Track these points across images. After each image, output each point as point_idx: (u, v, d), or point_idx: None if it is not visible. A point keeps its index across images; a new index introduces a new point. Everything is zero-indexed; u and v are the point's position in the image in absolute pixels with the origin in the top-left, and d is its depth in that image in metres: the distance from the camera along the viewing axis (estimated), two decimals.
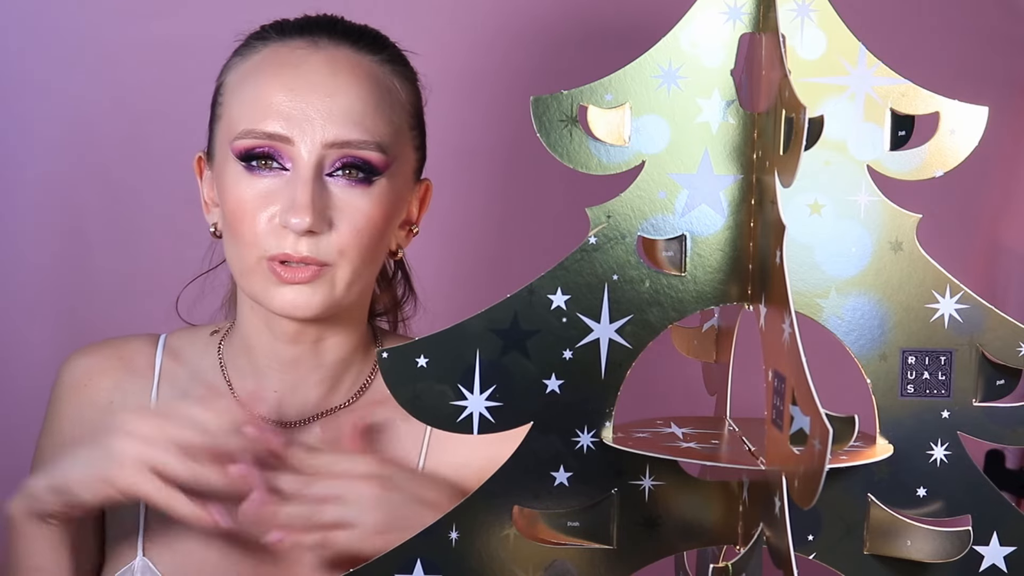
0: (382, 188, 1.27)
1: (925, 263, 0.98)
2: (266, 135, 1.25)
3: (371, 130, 1.26)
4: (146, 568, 1.31)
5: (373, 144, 1.26)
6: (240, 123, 1.27)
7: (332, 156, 1.25)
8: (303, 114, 1.25)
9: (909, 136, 0.98)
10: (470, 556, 0.97)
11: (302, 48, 1.29)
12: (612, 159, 0.96)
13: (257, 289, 1.28)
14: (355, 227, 1.26)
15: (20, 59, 1.77)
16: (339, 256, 1.26)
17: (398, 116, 1.30)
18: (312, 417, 1.35)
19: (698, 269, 0.97)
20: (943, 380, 0.99)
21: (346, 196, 1.26)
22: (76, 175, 1.79)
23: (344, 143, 1.25)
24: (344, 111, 1.25)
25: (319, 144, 1.25)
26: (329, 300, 1.26)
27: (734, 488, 0.99)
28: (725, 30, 0.96)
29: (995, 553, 1.00)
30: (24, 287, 1.79)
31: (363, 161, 1.26)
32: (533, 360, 0.96)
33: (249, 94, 1.27)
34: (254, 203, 1.25)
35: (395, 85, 1.31)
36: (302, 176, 1.24)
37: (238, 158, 1.26)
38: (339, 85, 1.26)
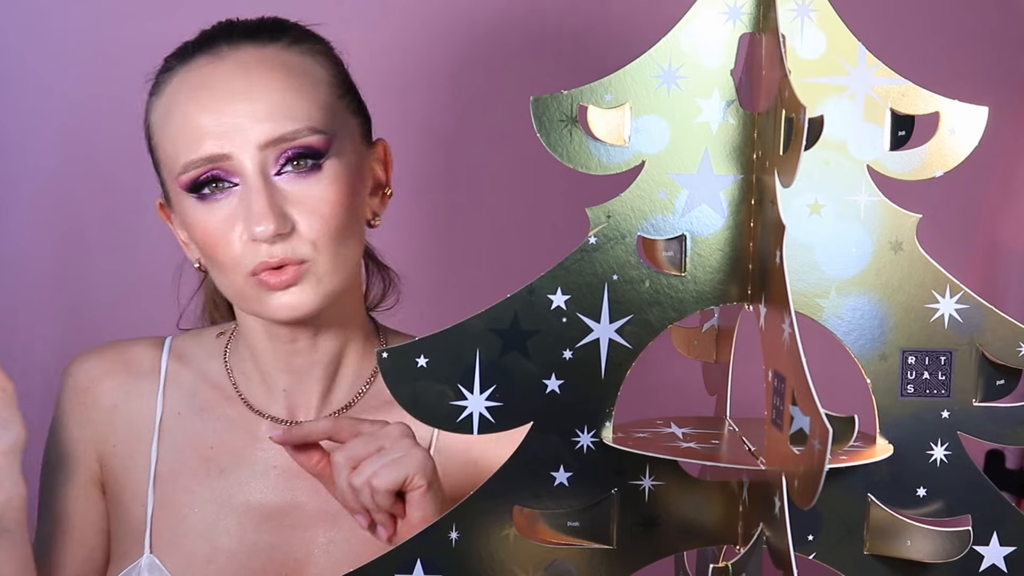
0: (333, 168, 1.26)
1: (925, 263, 0.98)
2: (204, 160, 1.24)
3: (300, 117, 1.25)
4: (153, 566, 1.32)
5: (307, 129, 1.25)
6: (177, 158, 1.26)
7: (272, 155, 1.24)
8: (230, 126, 1.24)
9: (909, 136, 0.98)
10: (470, 556, 0.97)
11: (207, 64, 1.28)
12: (612, 159, 0.96)
13: (253, 305, 1.28)
14: (319, 215, 1.25)
15: (20, 59, 1.77)
16: (313, 249, 1.25)
17: (322, 93, 1.28)
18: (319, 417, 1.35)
19: (698, 269, 0.97)
20: (943, 380, 0.99)
21: (300, 189, 1.25)
22: (76, 175, 1.79)
23: (279, 139, 1.24)
24: (268, 108, 1.24)
25: (255, 148, 1.24)
26: (321, 293, 1.26)
27: (734, 488, 0.99)
28: (725, 30, 0.96)
29: (995, 553, 1.00)
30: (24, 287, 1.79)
31: (304, 148, 1.25)
32: (533, 360, 0.96)
33: (174, 127, 1.27)
34: (220, 228, 1.25)
35: (307, 63, 1.29)
36: (252, 185, 1.24)
37: (188, 192, 1.26)
38: (253, 85, 1.25)
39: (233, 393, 1.36)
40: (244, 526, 1.32)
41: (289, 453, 1.22)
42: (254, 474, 1.34)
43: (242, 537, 1.32)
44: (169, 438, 1.35)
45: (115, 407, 1.37)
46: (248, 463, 1.34)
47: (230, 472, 1.34)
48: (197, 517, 1.33)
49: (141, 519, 1.33)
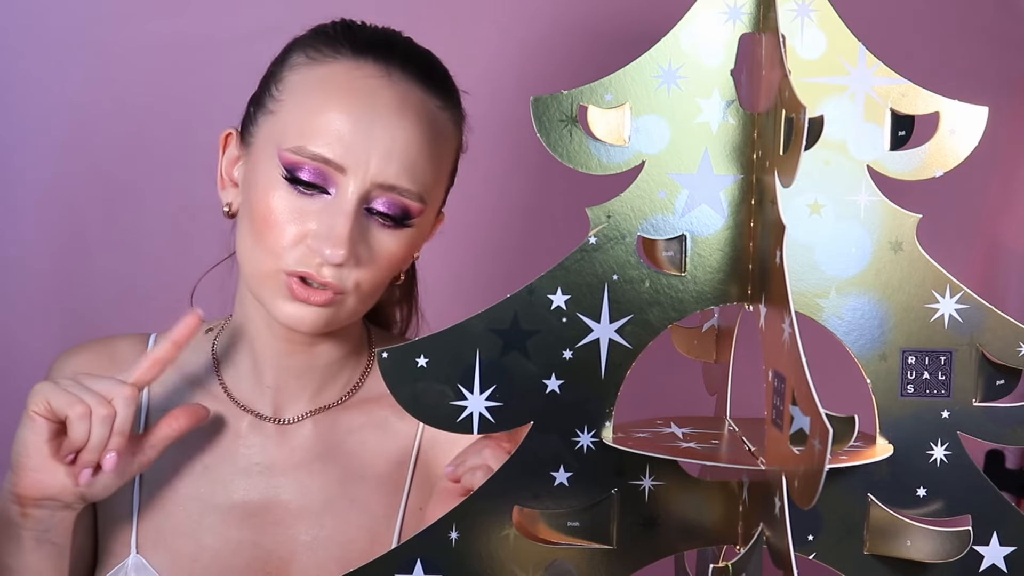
0: (411, 232, 1.27)
1: (925, 263, 0.98)
2: (321, 158, 1.23)
3: (420, 179, 1.25)
4: (140, 565, 1.31)
5: (416, 194, 1.25)
6: (295, 135, 1.25)
7: (377, 194, 1.24)
8: (362, 147, 1.23)
9: (909, 136, 0.98)
10: (470, 556, 0.97)
11: (376, 78, 1.26)
12: (612, 159, 0.96)
13: (266, 296, 1.27)
14: (378, 265, 1.26)
15: (20, 60, 1.77)
16: (355, 288, 1.26)
17: (445, 163, 1.30)
18: (305, 414, 1.35)
19: (698, 269, 0.97)
20: (943, 380, 0.99)
21: (378, 235, 1.25)
22: (76, 176, 1.79)
23: (391, 187, 1.24)
24: (400, 154, 1.24)
25: (369, 180, 1.23)
26: (333, 322, 1.27)
27: (734, 488, 0.99)
28: (725, 30, 0.96)
29: (995, 553, 1.00)
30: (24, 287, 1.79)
31: (405, 209, 1.25)
32: (533, 360, 0.96)
33: (311, 107, 1.25)
34: (287, 217, 1.24)
35: (451, 133, 1.31)
36: (345, 208, 1.23)
37: (285, 167, 1.24)
38: (403, 127, 1.25)
39: (218, 390, 1.36)
40: (228, 523, 1.32)
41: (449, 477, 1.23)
42: (237, 471, 1.34)
43: (226, 535, 1.32)
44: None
45: None
46: (231, 460, 1.34)
47: (213, 469, 1.34)
48: (182, 515, 1.33)
49: (127, 517, 1.33)
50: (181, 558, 1.31)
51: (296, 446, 1.34)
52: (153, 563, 1.32)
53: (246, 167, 1.29)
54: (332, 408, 1.36)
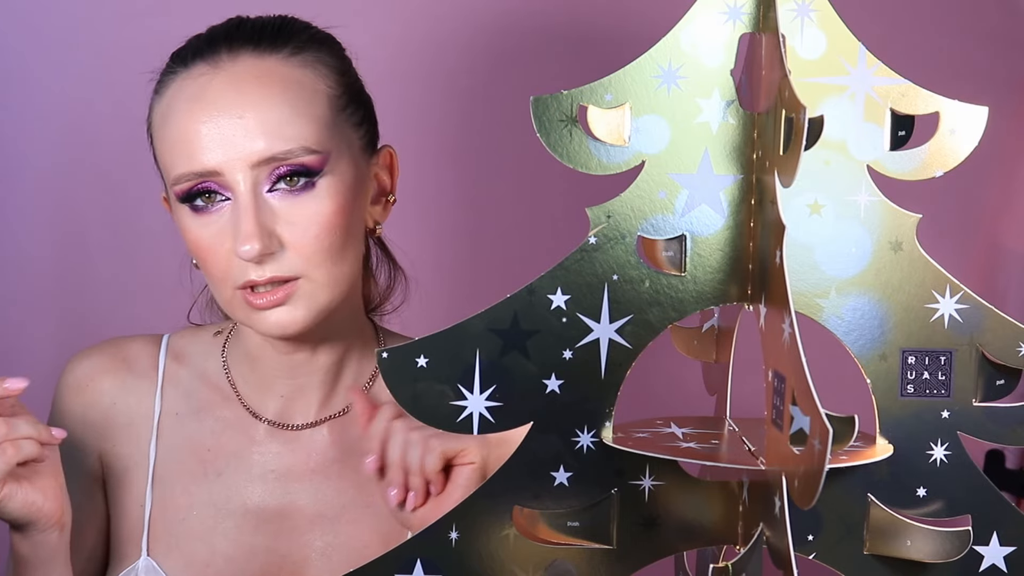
0: (327, 185, 1.25)
1: (925, 263, 0.98)
2: (195, 174, 1.23)
3: (293, 136, 1.23)
4: (150, 568, 1.32)
5: (300, 150, 1.23)
6: (172, 167, 1.25)
7: (264, 173, 1.23)
8: (222, 142, 1.23)
9: (909, 136, 0.98)
10: (470, 556, 0.97)
11: (204, 74, 1.26)
12: (612, 159, 0.96)
13: (241, 318, 1.28)
14: (310, 233, 1.24)
15: (20, 59, 1.77)
16: (305, 265, 1.24)
17: (320, 107, 1.26)
18: (318, 421, 1.35)
19: (698, 269, 0.97)
20: (943, 380, 0.99)
21: (292, 206, 1.24)
22: (76, 176, 1.79)
23: (270, 158, 1.23)
24: (260, 126, 1.23)
25: (247, 167, 1.23)
26: (314, 308, 1.26)
27: (734, 488, 0.99)
28: (725, 30, 0.96)
29: (995, 553, 1.00)
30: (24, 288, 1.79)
31: (296, 167, 1.23)
32: (533, 360, 0.96)
33: (170, 135, 1.26)
34: (210, 241, 1.25)
35: (308, 76, 1.27)
36: (241, 204, 1.23)
37: (182, 202, 1.26)
38: (248, 102, 1.24)
39: (231, 394, 1.36)
40: (242, 529, 1.32)
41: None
42: (251, 477, 1.33)
43: (240, 540, 1.32)
44: (167, 438, 1.35)
45: (113, 405, 1.36)
46: (245, 466, 1.34)
47: (227, 475, 1.33)
48: (195, 520, 1.32)
49: (139, 520, 1.33)
50: (194, 563, 1.31)
51: (310, 452, 1.34)
52: (165, 567, 1.32)
53: (177, 222, 1.30)
54: (344, 414, 1.36)
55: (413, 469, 1.20)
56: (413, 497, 1.20)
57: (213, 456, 1.34)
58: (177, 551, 1.32)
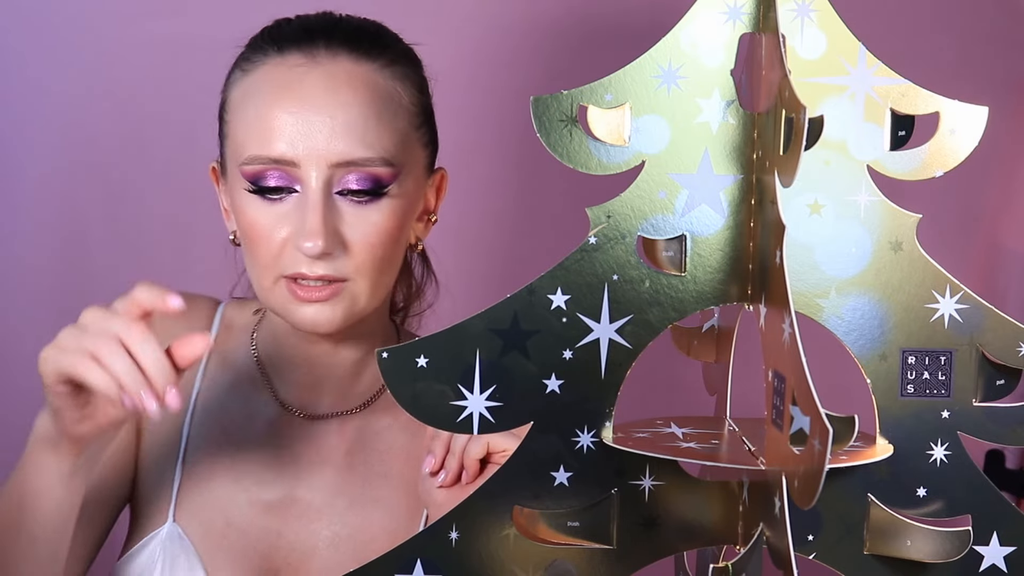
0: (392, 200, 1.27)
1: (925, 263, 0.98)
2: (271, 160, 1.24)
3: (375, 145, 1.25)
4: (175, 534, 1.32)
5: (379, 160, 1.25)
6: (246, 147, 1.26)
7: (339, 175, 1.24)
8: (306, 136, 1.24)
9: (909, 136, 0.98)
10: (470, 556, 0.97)
11: (300, 65, 1.27)
12: (612, 159, 0.96)
13: (277, 307, 1.28)
14: (368, 243, 1.25)
15: (20, 60, 1.77)
16: (356, 272, 1.25)
17: (402, 122, 1.29)
18: (335, 413, 1.36)
19: (698, 269, 0.97)
20: (943, 380, 0.99)
21: (357, 213, 1.25)
22: (76, 175, 1.79)
23: (349, 162, 1.24)
24: (346, 129, 1.24)
25: (325, 165, 1.24)
26: (350, 314, 1.27)
27: (734, 488, 0.99)
28: (725, 30, 0.96)
29: (995, 553, 1.00)
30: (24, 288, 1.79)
31: (370, 178, 1.25)
32: (533, 360, 0.96)
33: (251, 115, 1.26)
34: (267, 226, 1.25)
35: (397, 90, 1.29)
36: (311, 199, 1.24)
37: (249, 181, 1.26)
38: (340, 103, 1.25)
39: (258, 374, 1.37)
40: (255, 508, 1.33)
41: None
42: (267, 459, 1.34)
43: (253, 519, 1.33)
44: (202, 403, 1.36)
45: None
46: (263, 447, 1.35)
47: (247, 452, 1.34)
48: (217, 490, 1.33)
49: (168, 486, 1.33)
50: (212, 532, 1.32)
51: (324, 443, 1.35)
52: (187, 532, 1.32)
53: (229, 195, 1.31)
54: (356, 412, 1.36)
55: (455, 450, 1.23)
56: (444, 475, 1.24)
57: (237, 429, 1.35)
58: (197, 519, 1.32)
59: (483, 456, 1.24)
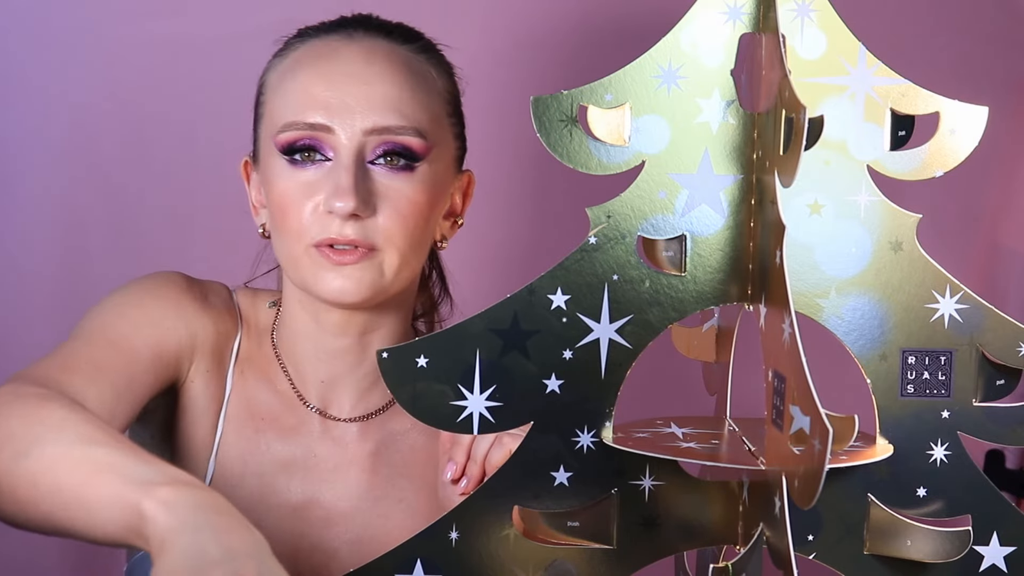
0: (424, 174, 1.28)
1: (925, 263, 0.98)
2: (307, 125, 1.26)
3: (409, 116, 1.27)
4: None
5: (412, 129, 1.27)
6: (282, 117, 1.28)
7: (372, 143, 1.26)
8: (342, 103, 1.26)
9: (909, 136, 0.98)
10: (470, 556, 0.97)
11: (338, 41, 1.31)
12: (612, 159, 0.96)
13: (306, 276, 1.28)
14: (400, 212, 1.26)
15: (20, 61, 1.77)
16: (386, 241, 1.26)
17: (435, 103, 1.31)
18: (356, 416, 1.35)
19: (698, 269, 0.97)
20: (943, 380, 0.99)
21: (389, 182, 1.27)
22: (76, 176, 1.79)
23: (383, 129, 1.26)
24: (381, 98, 1.27)
25: (359, 131, 1.26)
26: (377, 285, 1.27)
27: (734, 488, 0.99)
28: (725, 30, 0.96)
29: (995, 553, 1.00)
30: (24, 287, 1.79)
31: (403, 147, 1.27)
32: (533, 360, 0.96)
33: (288, 88, 1.29)
34: (299, 193, 1.27)
35: (431, 73, 1.32)
36: (344, 163, 1.25)
37: (281, 152, 1.27)
38: (375, 73, 1.28)
39: (279, 370, 1.37)
40: (280, 510, 1.33)
41: None
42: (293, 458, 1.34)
43: (278, 521, 1.33)
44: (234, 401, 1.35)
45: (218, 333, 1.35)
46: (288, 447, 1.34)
47: (274, 450, 1.34)
48: (245, 490, 1.33)
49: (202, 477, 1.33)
50: None
51: (346, 444, 1.35)
52: None
53: (262, 176, 1.32)
54: (377, 415, 1.36)
55: (476, 457, 1.25)
56: (466, 481, 1.25)
57: (267, 425, 1.34)
58: None
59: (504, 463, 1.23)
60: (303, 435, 1.35)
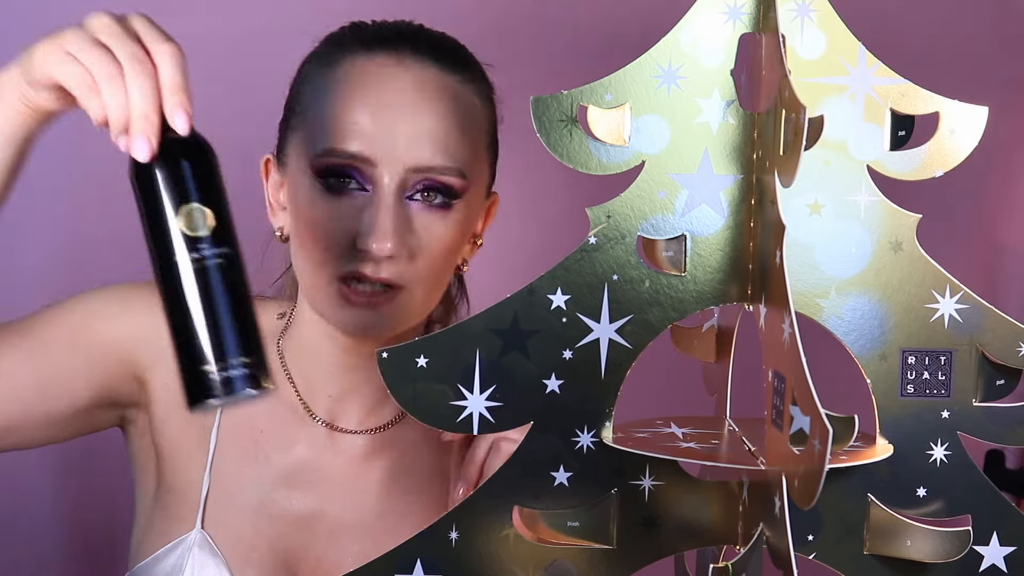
0: (459, 212, 1.25)
1: (925, 263, 0.98)
2: (348, 155, 1.22)
3: (454, 155, 1.24)
4: (204, 541, 1.31)
5: (455, 170, 1.24)
6: (321, 140, 1.23)
7: (413, 179, 1.23)
8: (387, 135, 1.22)
9: (909, 136, 0.98)
10: (470, 556, 0.97)
11: (388, 66, 1.25)
12: (612, 159, 0.96)
13: (325, 307, 1.26)
14: (432, 252, 1.24)
15: None
16: (414, 279, 1.24)
17: (478, 137, 1.28)
18: (365, 429, 1.34)
19: (698, 269, 0.97)
20: (943, 380, 0.99)
21: (425, 221, 1.23)
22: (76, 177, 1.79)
23: (427, 168, 1.23)
24: (428, 134, 1.23)
25: (402, 167, 1.22)
26: (400, 323, 1.26)
27: (734, 488, 0.99)
28: (725, 30, 0.96)
29: (995, 553, 1.00)
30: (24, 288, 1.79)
31: (444, 186, 1.24)
32: (533, 360, 0.96)
33: (331, 110, 1.24)
34: (329, 224, 1.23)
35: (476, 104, 1.29)
36: (384, 200, 1.22)
37: (317, 175, 1.24)
38: (425, 107, 1.24)
39: (286, 381, 1.35)
40: (283, 521, 1.32)
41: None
42: (297, 471, 1.33)
43: (281, 532, 1.32)
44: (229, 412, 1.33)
45: None
46: (293, 458, 1.33)
47: (276, 462, 1.33)
48: (246, 500, 1.31)
49: (196, 491, 1.31)
50: (241, 543, 1.31)
51: (353, 457, 1.34)
52: (216, 541, 1.31)
53: (287, 189, 1.29)
54: (389, 427, 1.35)
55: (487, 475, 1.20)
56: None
57: (266, 439, 1.33)
58: (226, 528, 1.31)
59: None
60: (308, 447, 1.34)
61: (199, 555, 1.30)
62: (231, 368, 0.96)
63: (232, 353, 0.96)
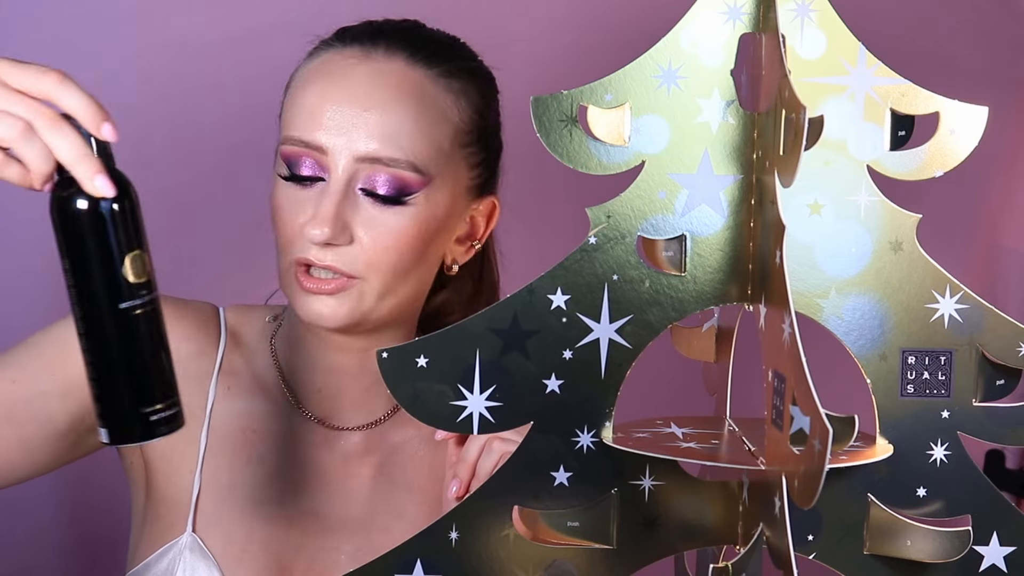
0: (417, 208, 1.26)
1: (925, 263, 0.98)
2: (304, 143, 1.25)
3: (405, 148, 1.24)
4: (195, 544, 1.31)
5: (405, 163, 1.24)
6: (288, 128, 1.27)
7: (364, 171, 1.24)
8: (339, 127, 1.24)
9: (909, 136, 0.98)
10: (470, 556, 0.97)
11: (353, 58, 1.28)
12: (612, 159, 0.96)
13: (288, 293, 1.28)
14: (381, 243, 1.25)
15: None
16: (367, 269, 1.25)
17: (442, 134, 1.28)
18: (357, 426, 1.34)
19: (698, 269, 0.97)
20: (943, 380, 0.99)
21: (374, 212, 1.25)
22: None
23: (375, 159, 1.24)
24: (379, 126, 1.24)
25: (352, 157, 1.24)
26: (356, 313, 1.26)
27: (734, 488, 0.99)
28: (725, 30, 0.96)
29: (995, 553, 1.00)
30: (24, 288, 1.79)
31: (395, 180, 1.24)
32: (533, 360, 0.96)
33: (300, 100, 1.28)
34: (289, 209, 1.26)
35: (447, 102, 1.29)
36: (331, 188, 1.24)
37: (283, 162, 1.27)
38: (379, 99, 1.25)
39: (278, 381, 1.35)
40: (276, 521, 1.32)
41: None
42: (290, 470, 1.33)
43: (274, 532, 1.31)
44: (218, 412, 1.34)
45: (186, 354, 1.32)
46: (285, 457, 1.33)
47: (268, 461, 1.32)
48: (237, 501, 1.31)
49: (187, 492, 1.31)
50: (233, 544, 1.30)
51: (347, 455, 1.34)
52: (207, 543, 1.31)
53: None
54: (382, 423, 1.35)
55: (480, 475, 1.22)
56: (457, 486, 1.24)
57: (258, 438, 1.33)
58: (217, 530, 1.31)
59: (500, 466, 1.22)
60: (301, 445, 1.34)
61: (190, 558, 1.30)
62: (166, 410, 1.03)
63: (165, 396, 1.03)
